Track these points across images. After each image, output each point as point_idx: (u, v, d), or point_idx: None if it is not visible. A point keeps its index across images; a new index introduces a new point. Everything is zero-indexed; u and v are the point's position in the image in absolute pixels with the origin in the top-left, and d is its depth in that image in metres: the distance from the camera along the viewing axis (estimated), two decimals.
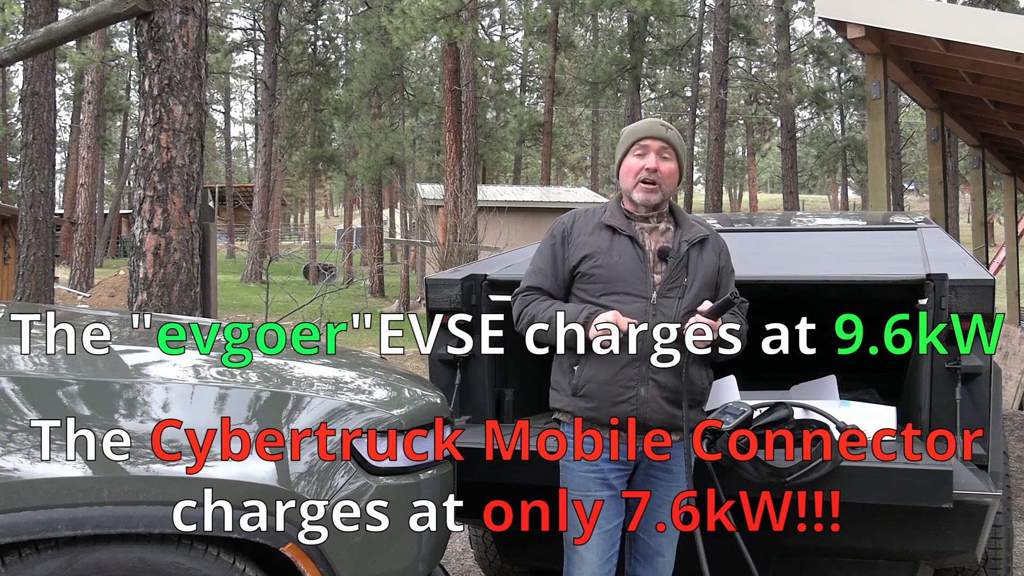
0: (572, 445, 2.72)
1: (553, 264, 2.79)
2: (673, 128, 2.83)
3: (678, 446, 2.73)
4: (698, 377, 2.73)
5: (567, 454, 2.74)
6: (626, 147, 2.79)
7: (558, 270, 2.78)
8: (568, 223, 2.82)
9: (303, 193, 48.02)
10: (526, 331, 2.77)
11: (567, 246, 2.77)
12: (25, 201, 8.62)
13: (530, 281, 2.82)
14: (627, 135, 2.82)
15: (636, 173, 2.74)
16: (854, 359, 4.46)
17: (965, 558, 3.00)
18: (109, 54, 27.00)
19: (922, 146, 36.22)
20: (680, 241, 2.75)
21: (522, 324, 2.79)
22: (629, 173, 2.76)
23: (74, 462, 1.95)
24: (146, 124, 4.81)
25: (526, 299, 2.80)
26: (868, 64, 7.98)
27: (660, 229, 2.76)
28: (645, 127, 2.79)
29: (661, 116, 42.70)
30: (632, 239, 2.71)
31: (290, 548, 2.11)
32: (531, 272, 2.85)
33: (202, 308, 4.96)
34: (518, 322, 2.82)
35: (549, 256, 2.81)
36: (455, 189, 19.41)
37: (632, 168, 2.75)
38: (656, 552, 2.76)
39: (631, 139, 2.78)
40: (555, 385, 2.79)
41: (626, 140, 2.81)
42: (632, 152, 2.77)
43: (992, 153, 12.82)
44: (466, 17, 18.55)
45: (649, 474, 2.74)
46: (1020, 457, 6.61)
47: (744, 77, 36.46)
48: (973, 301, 2.97)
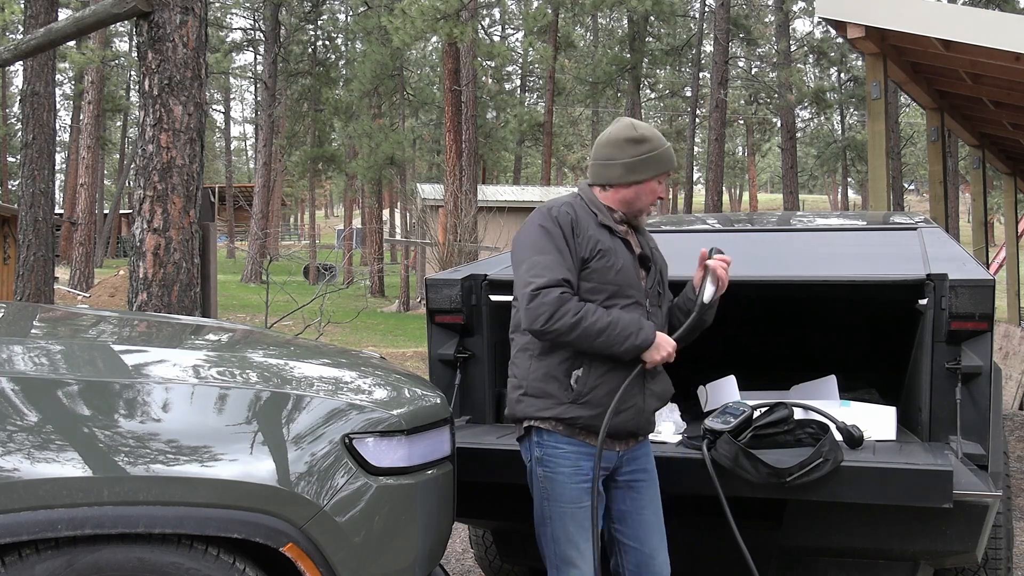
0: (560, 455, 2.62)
1: (571, 256, 2.59)
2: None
3: (645, 443, 2.80)
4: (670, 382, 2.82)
5: (551, 465, 2.62)
6: (655, 173, 2.72)
7: (573, 261, 2.60)
8: (572, 213, 2.65)
9: (303, 193, 48.04)
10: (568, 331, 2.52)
11: (577, 238, 2.61)
12: (25, 201, 8.62)
13: (563, 273, 2.55)
14: (660, 161, 2.72)
15: (655, 199, 2.76)
16: (854, 359, 4.46)
17: (965, 558, 3.00)
18: (109, 54, 27.03)
19: (922, 146, 36.22)
20: (650, 248, 2.81)
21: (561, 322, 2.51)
22: (652, 194, 2.74)
23: (74, 462, 1.95)
24: (146, 124, 4.81)
25: (564, 297, 2.52)
26: (868, 64, 7.97)
27: (631, 233, 2.77)
28: (670, 158, 2.75)
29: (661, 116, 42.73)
30: (625, 243, 2.70)
31: (290, 548, 2.11)
32: (557, 264, 2.56)
33: (202, 308, 4.96)
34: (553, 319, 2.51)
35: (565, 248, 2.59)
36: (455, 189, 19.42)
37: (655, 192, 2.75)
38: (650, 556, 2.74)
39: (663, 167, 2.73)
40: (536, 392, 2.63)
41: (658, 166, 2.72)
42: (658, 178, 2.74)
43: (992, 153, 12.82)
44: (466, 17, 18.56)
45: (629, 480, 2.74)
46: (1020, 457, 6.61)
47: (744, 77, 36.47)
48: (973, 301, 2.97)
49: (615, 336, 2.53)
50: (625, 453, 2.72)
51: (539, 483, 2.67)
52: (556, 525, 2.63)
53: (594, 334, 2.52)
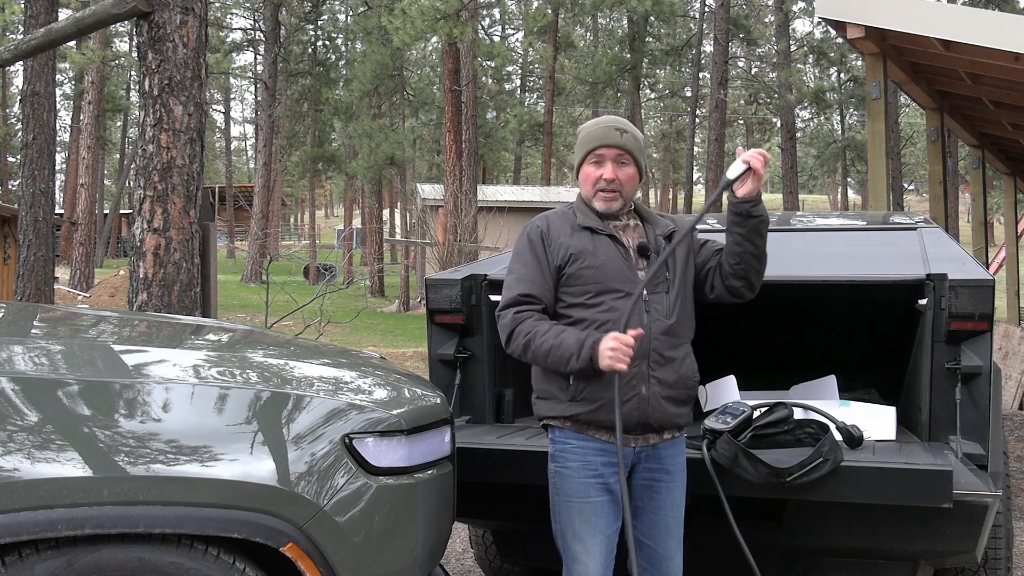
0: (569, 450, 2.66)
1: (538, 267, 2.67)
2: (629, 129, 2.70)
3: (671, 444, 2.72)
4: (690, 370, 2.71)
5: (561, 460, 2.67)
6: (583, 154, 2.71)
7: (545, 273, 2.67)
8: (543, 225, 2.71)
9: (303, 193, 48.04)
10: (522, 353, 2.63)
11: (548, 248, 2.67)
12: (25, 201, 8.62)
13: (520, 289, 2.66)
14: (583, 140, 2.71)
15: (594, 183, 2.69)
16: (854, 359, 4.46)
17: (965, 558, 3.00)
18: (109, 54, 27.04)
19: (922, 146, 36.22)
20: (655, 236, 2.74)
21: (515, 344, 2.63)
22: (587, 181, 2.71)
23: (74, 462, 1.95)
24: (146, 124, 4.82)
25: (518, 317, 2.64)
26: (868, 64, 7.98)
27: (631, 226, 2.75)
28: (599, 135, 2.67)
29: (661, 116, 42.72)
30: (612, 237, 2.68)
31: (290, 548, 2.11)
32: (517, 280, 2.68)
33: (202, 308, 4.97)
34: (510, 341, 2.64)
35: (532, 260, 2.68)
36: (455, 189, 19.42)
37: (590, 177, 2.70)
38: (665, 556, 2.71)
39: (587, 146, 2.69)
40: (543, 394, 2.71)
41: (583, 146, 2.71)
42: (588, 161, 2.70)
43: (992, 153, 12.83)
44: (466, 17, 18.57)
45: (649, 477, 2.71)
46: (1020, 457, 6.61)
47: (744, 77, 36.48)
48: (973, 301, 2.97)
49: (559, 358, 2.56)
50: (642, 450, 2.67)
51: (552, 478, 2.71)
52: (564, 519, 2.66)
53: (542, 356, 2.59)
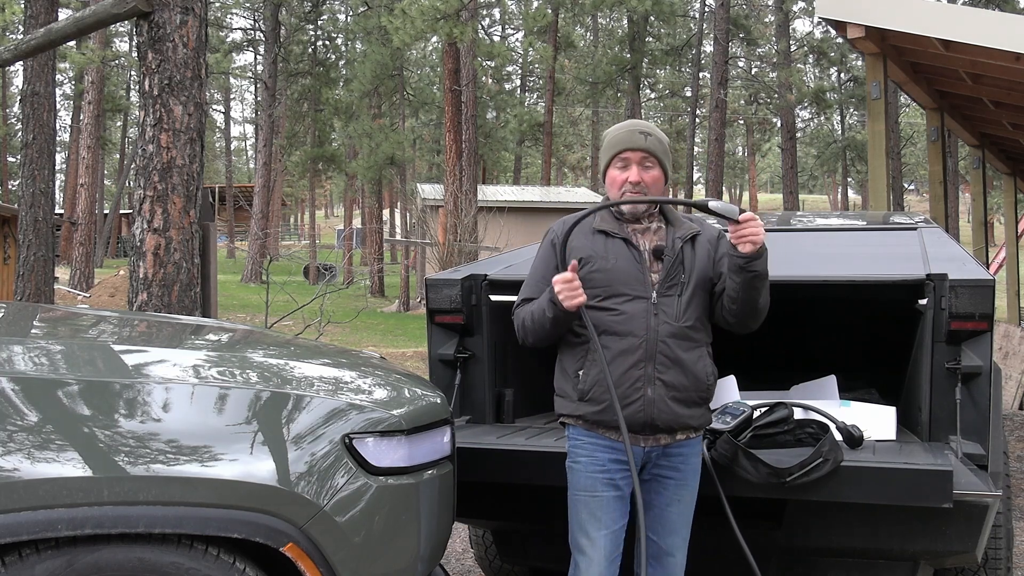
0: (579, 446, 2.72)
1: (545, 271, 2.77)
2: (653, 132, 2.77)
3: (685, 445, 2.73)
4: (703, 372, 2.71)
5: (573, 455, 2.73)
6: (608, 158, 2.79)
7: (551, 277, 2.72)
8: (559, 230, 2.80)
9: (303, 193, 48.03)
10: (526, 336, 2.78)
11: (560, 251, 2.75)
12: (25, 201, 8.62)
13: (526, 293, 2.83)
14: (608, 145, 2.79)
15: (620, 185, 2.74)
16: (854, 359, 4.46)
17: (965, 558, 3.00)
18: (109, 54, 27.02)
19: (922, 146, 36.22)
20: (673, 239, 2.75)
21: (522, 333, 2.80)
22: (613, 184, 2.77)
23: (74, 462, 1.95)
24: (146, 124, 4.82)
25: (518, 313, 2.82)
26: (868, 64, 7.98)
27: (652, 229, 2.76)
28: (624, 138, 2.75)
29: (661, 116, 42.71)
30: (626, 241, 2.72)
31: (290, 548, 2.11)
32: (527, 284, 2.85)
33: (202, 308, 4.97)
34: (519, 334, 2.81)
35: (541, 264, 2.82)
36: (455, 189, 19.42)
37: (616, 180, 2.75)
38: (667, 552, 2.74)
39: (612, 150, 2.77)
40: (560, 392, 2.79)
41: (608, 150, 2.79)
42: (614, 164, 2.76)
43: (992, 153, 12.83)
44: (466, 17, 18.56)
45: (657, 475, 2.73)
46: (1020, 457, 6.61)
47: (744, 77, 36.46)
48: (973, 301, 2.97)
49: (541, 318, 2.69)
50: (653, 449, 2.69)
51: (567, 474, 2.77)
52: (572, 512, 2.72)
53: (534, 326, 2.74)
